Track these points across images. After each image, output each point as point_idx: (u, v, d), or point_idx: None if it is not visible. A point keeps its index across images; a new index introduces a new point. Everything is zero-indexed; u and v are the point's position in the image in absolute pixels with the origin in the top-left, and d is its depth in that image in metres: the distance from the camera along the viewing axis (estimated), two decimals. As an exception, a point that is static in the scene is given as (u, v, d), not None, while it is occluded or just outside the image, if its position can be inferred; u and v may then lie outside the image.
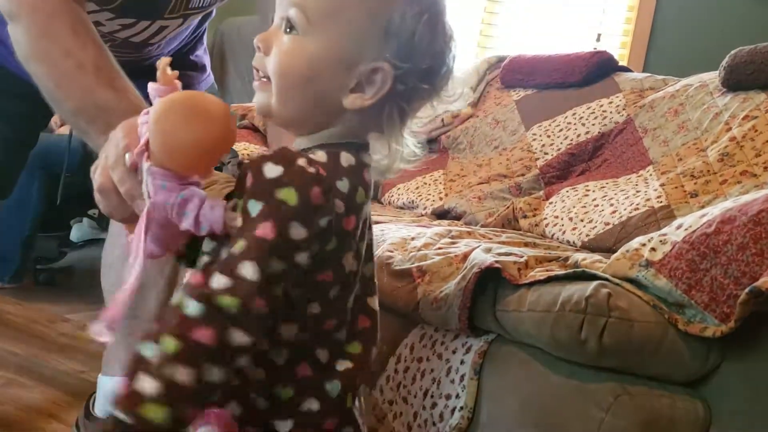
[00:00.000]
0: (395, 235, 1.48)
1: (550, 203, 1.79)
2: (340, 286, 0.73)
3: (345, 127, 0.74)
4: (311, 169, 0.67)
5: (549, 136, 2.05)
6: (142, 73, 0.96)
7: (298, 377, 0.72)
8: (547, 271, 1.18)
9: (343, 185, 0.69)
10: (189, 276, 0.65)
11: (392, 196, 2.21)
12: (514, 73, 2.30)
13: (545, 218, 1.75)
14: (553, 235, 1.70)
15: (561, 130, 2.05)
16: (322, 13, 0.71)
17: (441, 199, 2.05)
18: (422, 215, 2.02)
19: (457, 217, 1.94)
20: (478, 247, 1.32)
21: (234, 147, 2.14)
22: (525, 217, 1.78)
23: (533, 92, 2.24)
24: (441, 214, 2.00)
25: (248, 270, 0.63)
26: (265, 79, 0.73)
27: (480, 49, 2.91)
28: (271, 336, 0.70)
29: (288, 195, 0.65)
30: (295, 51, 0.71)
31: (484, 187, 1.98)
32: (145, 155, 0.72)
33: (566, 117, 2.08)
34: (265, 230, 0.64)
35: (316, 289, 0.71)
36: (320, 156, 0.69)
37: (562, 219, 1.72)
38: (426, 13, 0.72)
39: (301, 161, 0.67)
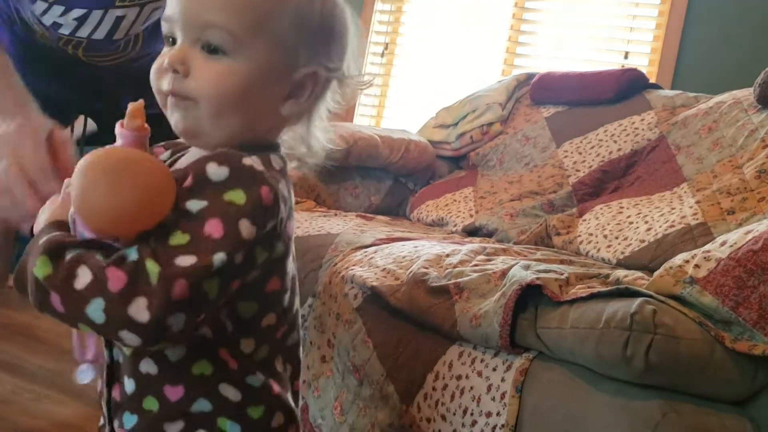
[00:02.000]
0: (429, 252, 1.47)
1: (584, 220, 1.78)
2: (289, 292, 0.74)
3: (276, 132, 0.75)
4: (259, 168, 0.65)
5: (581, 153, 2.05)
6: (133, 85, 0.97)
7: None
8: (588, 288, 1.17)
9: (283, 188, 0.68)
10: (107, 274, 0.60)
11: (421, 212, 2.21)
12: (544, 90, 2.30)
13: (579, 236, 1.73)
14: (587, 253, 1.69)
15: (593, 147, 2.04)
16: (246, 30, 0.68)
17: (471, 216, 2.04)
18: (452, 232, 2.01)
19: (489, 235, 1.94)
20: (516, 263, 1.31)
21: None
22: (558, 234, 1.77)
23: (564, 109, 2.23)
24: (472, 232, 1.99)
25: (187, 261, 0.60)
26: (189, 101, 0.69)
27: (507, 67, 2.91)
28: (232, 353, 0.70)
29: (235, 196, 0.62)
30: (228, 74, 0.68)
31: (515, 204, 1.97)
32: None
33: (597, 134, 2.08)
34: (210, 228, 0.61)
35: (269, 299, 0.71)
36: (255, 160, 0.66)
37: (596, 236, 1.70)
38: (337, 7, 0.74)
39: (247, 160, 0.64)
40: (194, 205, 0.62)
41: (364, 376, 1.37)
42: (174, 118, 0.71)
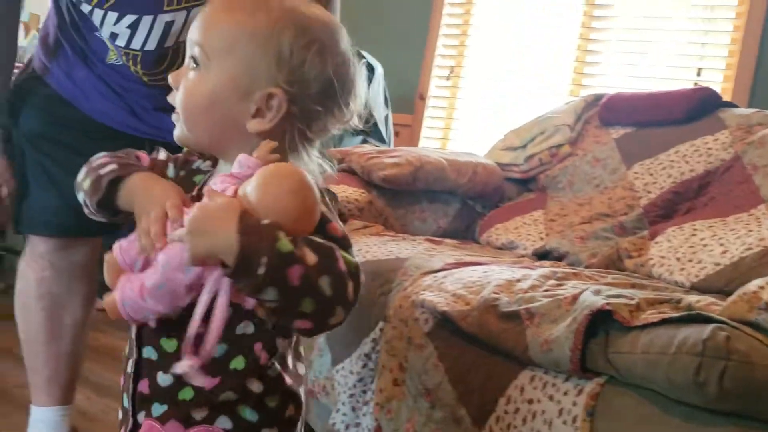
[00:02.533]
0: (500, 277, 1.49)
1: (656, 243, 1.76)
2: None
3: (253, 150, 0.81)
4: None
5: (651, 174, 2.03)
6: None
7: None
8: (659, 313, 1.17)
9: None
10: None
11: (490, 236, 2.22)
12: (612, 111, 2.29)
13: (651, 258, 1.72)
14: (660, 276, 1.67)
15: (664, 168, 2.02)
16: (218, 49, 0.81)
17: (542, 239, 2.04)
18: (522, 256, 2.02)
19: (559, 258, 1.93)
20: (586, 289, 1.32)
21: (333, 189, 2.22)
22: (630, 257, 1.75)
23: (633, 130, 2.22)
24: (542, 255, 1.99)
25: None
26: (176, 113, 0.84)
27: (574, 87, 2.91)
28: (267, 349, 0.83)
29: None
30: (197, 84, 0.82)
31: (586, 227, 1.96)
32: None
33: (669, 155, 2.05)
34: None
35: None
36: None
37: (669, 259, 1.68)
38: (316, 43, 0.81)
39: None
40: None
41: (436, 399, 1.39)
42: (175, 130, 0.85)
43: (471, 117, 3.23)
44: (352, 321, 1.65)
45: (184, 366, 0.76)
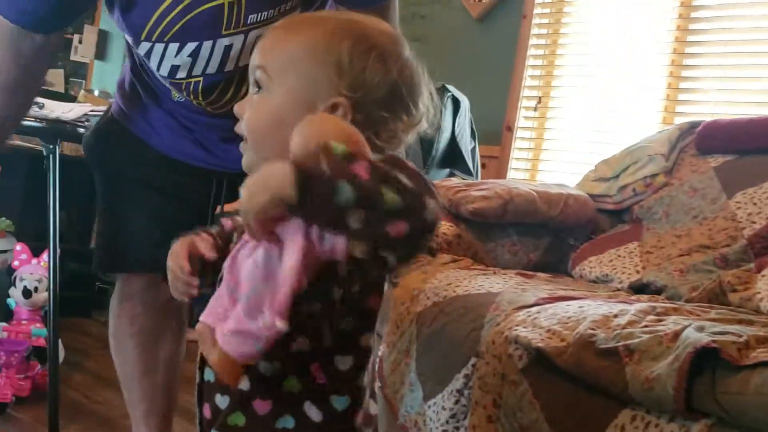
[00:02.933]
0: (596, 312, 1.45)
1: (763, 276, 1.67)
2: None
3: None
4: None
5: (755, 204, 1.94)
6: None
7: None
8: (772, 351, 1.11)
9: None
10: None
11: (584, 269, 2.16)
12: (710, 139, 2.21)
13: (759, 292, 1.63)
14: (768, 311, 1.58)
15: (769, 197, 1.93)
16: (278, 68, 0.81)
17: (638, 272, 1.98)
18: (618, 290, 1.96)
19: (657, 292, 1.87)
20: (689, 325, 1.26)
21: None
22: (734, 291, 1.67)
23: (734, 158, 2.13)
24: (639, 289, 1.93)
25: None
26: (244, 140, 0.84)
27: (667, 115, 2.83)
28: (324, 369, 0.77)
29: None
30: (261, 106, 0.82)
31: (685, 260, 1.89)
32: None
33: (774, 183, 1.96)
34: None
35: (368, 317, 0.79)
36: None
37: (778, 293, 1.60)
38: (376, 49, 0.80)
39: None
40: None
41: (531, 438, 1.36)
42: (243, 157, 0.84)
43: (560, 148, 3.19)
44: (444, 355, 1.64)
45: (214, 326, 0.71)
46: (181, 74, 1.32)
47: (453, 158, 2.92)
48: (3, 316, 2.57)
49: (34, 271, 2.53)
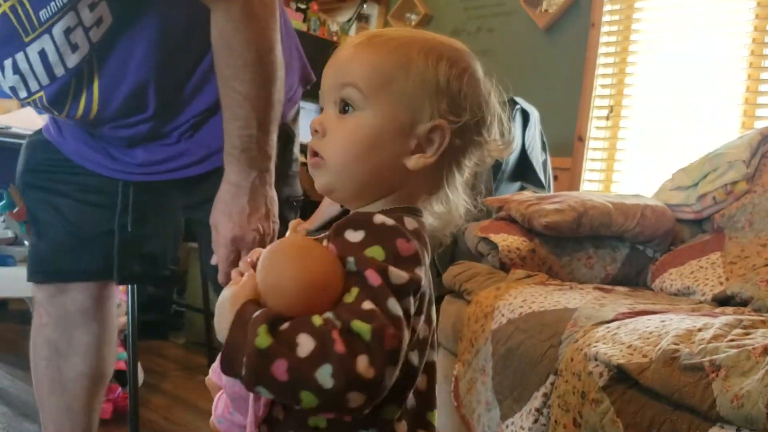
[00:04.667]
0: (679, 327, 1.40)
1: None
2: (417, 352, 0.73)
3: (403, 192, 0.78)
4: (390, 222, 0.70)
5: None
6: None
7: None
8: None
9: (417, 246, 0.71)
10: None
11: (664, 282, 2.10)
12: (795, 143, 2.12)
13: None
14: None
15: None
16: (374, 87, 0.76)
17: (721, 283, 1.91)
18: (701, 302, 1.89)
19: (743, 304, 1.79)
20: (780, 338, 1.21)
21: (493, 239, 2.19)
22: (827, 301, 1.59)
23: (821, 161, 2.04)
24: (723, 301, 1.85)
25: (370, 306, 0.64)
26: (321, 159, 0.78)
27: (746, 119, 2.73)
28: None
29: (374, 252, 0.68)
30: (356, 127, 0.76)
31: (772, 269, 1.81)
32: None
33: None
34: (371, 278, 0.66)
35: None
36: (386, 218, 0.71)
37: None
38: (466, 72, 0.78)
39: (378, 218, 0.71)
40: (347, 264, 0.68)
41: (615, 458, 1.32)
42: (314, 178, 0.80)
43: (634, 157, 3.11)
44: (521, 374, 1.61)
45: None
46: (23, 93, 1.25)
47: (524, 171, 2.89)
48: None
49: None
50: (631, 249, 2.26)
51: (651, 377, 1.28)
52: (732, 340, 1.29)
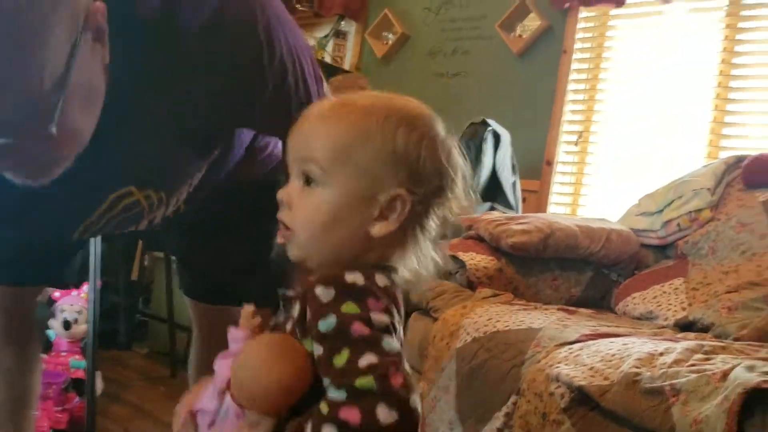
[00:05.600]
0: (641, 350, 1.41)
1: (816, 314, 1.62)
2: None
3: (372, 255, 0.78)
4: (361, 282, 0.72)
5: (806, 240, 1.88)
6: None
7: None
8: (827, 393, 1.06)
9: (386, 302, 0.73)
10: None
11: (627, 305, 2.12)
12: (758, 173, 2.17)
13: (811, 331, 1.58)
14: (822, 351, 1.53)
15: (820, 232, 1.88)
16: (333, 162, 0.77)
17: (684, 309, 1.93)
18: (663, 327, 1.91)
19: (704, 329, 1.82)
20: (738, 364, 1.22)
21: (462, 257, 2.20)
22: (786, 329, 1.62)
23: (783, 193, 2.08)
24: (685, 326, 1.88)
25: (372, 359, 0.68)
26: (289, 232, 0.79)
27: (712, 149, 2.77)
28: None
29: (349, 308, 0.70)
30: (319, 201, 0.77)
31: (733, 296, 1.84)
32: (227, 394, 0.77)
33: (825, 219, 1.90)
34: (358, 329, 0.69)
35: None
36: (357, 276, 0.73)
37: (832, 332, 1.54)
38: (425, 138, 0.78)
39: (349, 277, 0.72)
40: (325, 325, 0.70)
41: (574, 480, 1.32)
42: (287, 249, 0.81)
43: (602, 182, 3.15)
44: (484, 393, 1.61)
45: None
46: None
47: (494, 192, 2.91)
48: (42, 348, 2.60)
49: (74, 303, 2.55)
50: (596, 272, 2.28)
51: (612, 400, 1.29)
52: (693, 365, 1.31)
